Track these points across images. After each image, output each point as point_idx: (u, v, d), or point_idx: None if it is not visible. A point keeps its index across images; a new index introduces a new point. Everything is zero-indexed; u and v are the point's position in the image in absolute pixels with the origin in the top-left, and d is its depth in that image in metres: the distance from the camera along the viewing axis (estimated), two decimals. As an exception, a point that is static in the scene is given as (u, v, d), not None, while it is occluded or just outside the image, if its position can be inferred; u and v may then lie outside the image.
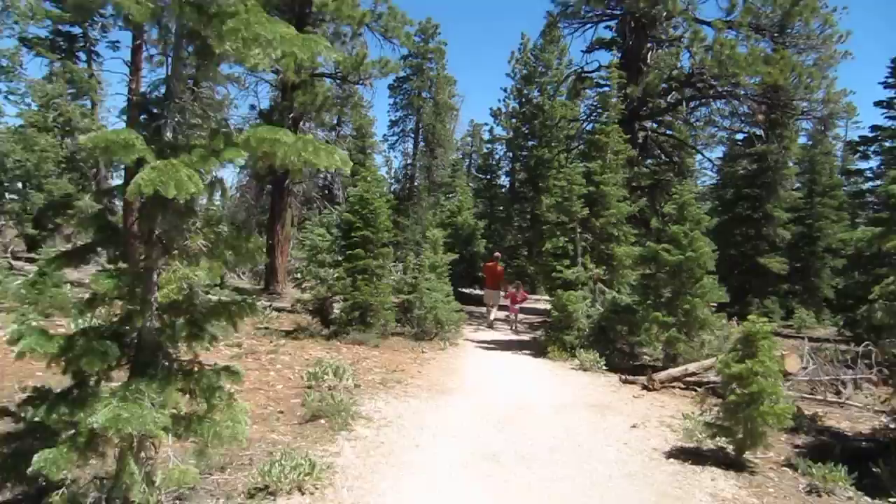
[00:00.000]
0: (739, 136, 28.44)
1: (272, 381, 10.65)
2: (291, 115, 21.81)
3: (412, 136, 42.90)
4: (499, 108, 37.43)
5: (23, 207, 27.40)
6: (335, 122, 41.67)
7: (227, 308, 4.79)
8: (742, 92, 23.14)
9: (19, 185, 27.08)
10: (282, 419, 8.56)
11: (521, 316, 22.53)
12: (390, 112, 42.62)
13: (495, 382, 12.30)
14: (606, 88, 21.07)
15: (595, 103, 24.87)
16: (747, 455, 7.88)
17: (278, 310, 18.99)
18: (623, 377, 13.33)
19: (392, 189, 43.69)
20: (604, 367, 14.11)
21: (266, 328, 16.16)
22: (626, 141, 18.34)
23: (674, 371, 13.07)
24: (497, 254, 23.64)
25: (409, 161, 43.19)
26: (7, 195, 27.46)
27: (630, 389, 12.53)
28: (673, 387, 12.81)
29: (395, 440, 8.04)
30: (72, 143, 29.32)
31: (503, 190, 37.95)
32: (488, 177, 39.32)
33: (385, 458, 7.36)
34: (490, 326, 21.15)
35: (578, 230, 16.26)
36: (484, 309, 23.44)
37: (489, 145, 39.69)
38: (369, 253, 15.56)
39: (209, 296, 4.95)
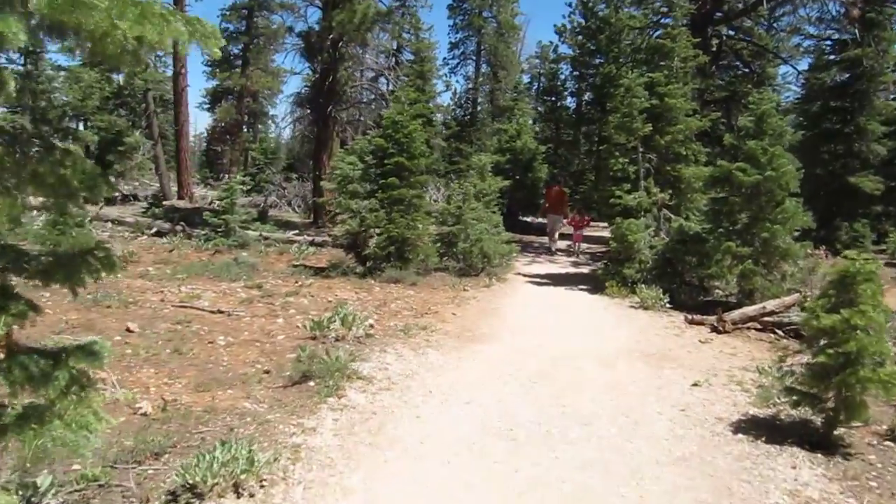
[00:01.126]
0: (828, 44, 25.17)
1: (276, 330, 9.22)
2: (331, 35, 20.04)
3: (473, 59, 40.50)
4: (563, 25, 34.61)
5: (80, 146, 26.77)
6: (394, 47, 39.84)
7: (62, 265, 3.23)
8: (833, -13, 20.07)
9: (70, 122, 26.31)
10: (265, 381, 7.10)
11: (584, 245, 20.70)
12: (450, 34, 40.15)
13: (538, 326, 10.60)
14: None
15: (661, 5, 22.00)
16: (840, 431, 6.01)
17: (319, 245, 17.64)
18: (689, 317, 11.42)
19: (454, 115, 41.66)
20: (667, 305, 12.21)
21: (301, 265, 14.85)
22: (695, 46, 15.84)
23: (749, 310, 11.08)
24: (559, 180, 21.79)
25: (471, 86, 40.88)
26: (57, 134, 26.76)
27: (696, 332, 10.65)
28: (748, 328, 10.86)
29: (392, 409, 6.47)
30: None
31: (569, 112, 35.37)
32: (553, 99, 36.75)
33: (372, 435, 5.80)
34: (552, 253, 19.76)
35: (640, 150, 14.14)
36: (544, 238, 21.71)
37: (554, 66, 36.91)
38: (404, 182, 13.88)
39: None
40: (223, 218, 17.06)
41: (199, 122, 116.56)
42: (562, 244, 20.98)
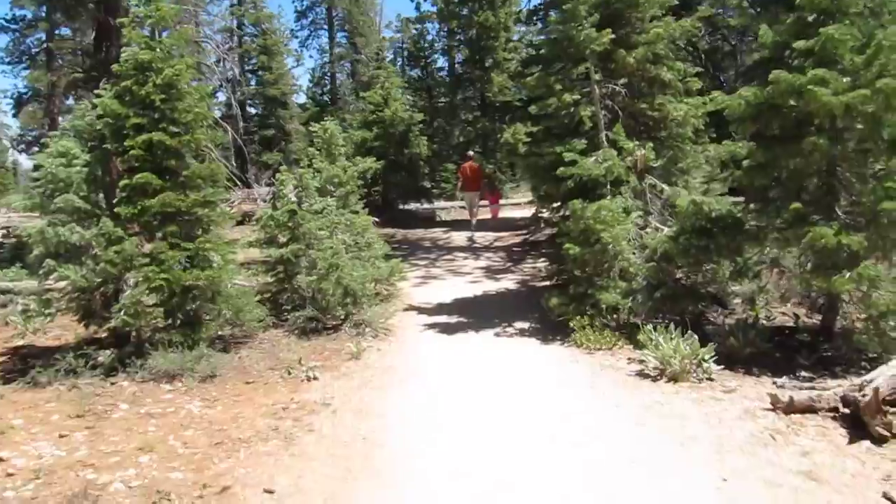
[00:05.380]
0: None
1: None
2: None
3: (326, 28, 33.00)
4: (424, -22, 27.53)
5: None
6: (234, 24, 31.83)
7: None
8: None
9: None
10: None
11: (492, 236, 14.25)
12: (295, 1, 32.54)
13: (462, 488, 3.89)
14: None
15: None
16: None
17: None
18: (780, 399, 5.00)
19: (312, 94, 34.11)
20: (712, 366, 5.77)
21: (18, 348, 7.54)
22: None
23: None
24: (470, 152, 18.10)
25: (328, 59, 33.43)
26: None
27: (822, 440, 4.24)
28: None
29: None
30: None
31: (442, 74, 28.50)
32: (423, 64, 29.79)
33: None
34: (472, 240, 15.13)
35: (596, 77, 7.50)
36: (435, 231, 15.32)
37: (417, 26, 29.81)
38: (174, 180, 6.75)
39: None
40: None
41: None
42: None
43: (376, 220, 10.48)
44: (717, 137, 8.52)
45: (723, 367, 5.84)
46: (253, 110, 32.30)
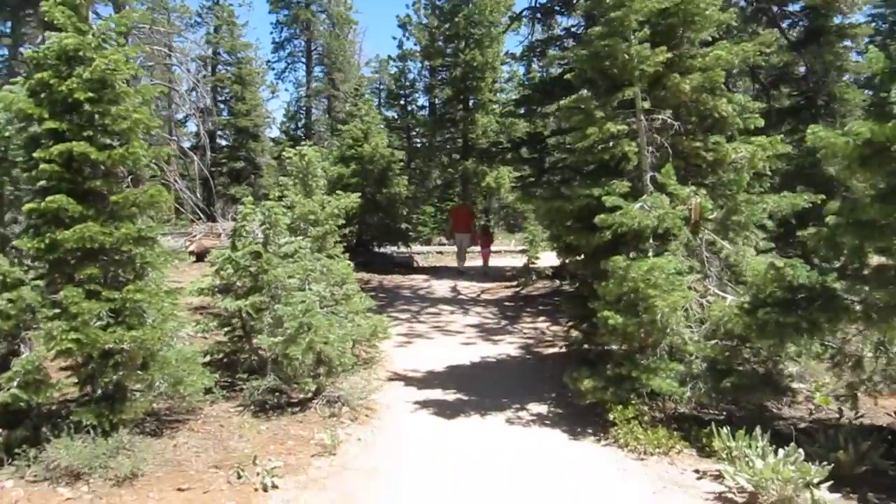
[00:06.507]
0: None
1: None
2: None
3: (303, 61, 31.54)
4: (408, 16, 26.23)
5: None
6: (212, 53, 30.21)
7: None
8: None
9: None
10: None
11: (478, 287, 12.70)
12: (273, 32, 31.02)
13: None
14: None
15: None
16: None
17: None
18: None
19: (287, 128, 32.50)
20: (825, 495, 4.12)
21: None
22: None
23: None
24: (464, 196, 20.00)
25: (304, 93, 31.90)
26: None
27: None
28: None
29: None
30: None
31: (423, 114, 27.10)
32: (402, 102, 28.43)
33: None
34: (462, 271, 15.73)
35: (644, 105, 5.97)
36: (415, 279, 13.79)
37: (398, 63, 28.41)
38: (101, 207, 5.01)
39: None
40: None
41: None
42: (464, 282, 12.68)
43: (349, 262, 8.77)
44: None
45: (839, 494, 4.21)
46: (224, 142, 30.59)
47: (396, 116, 28.17)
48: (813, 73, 11.25)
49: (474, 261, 16.94)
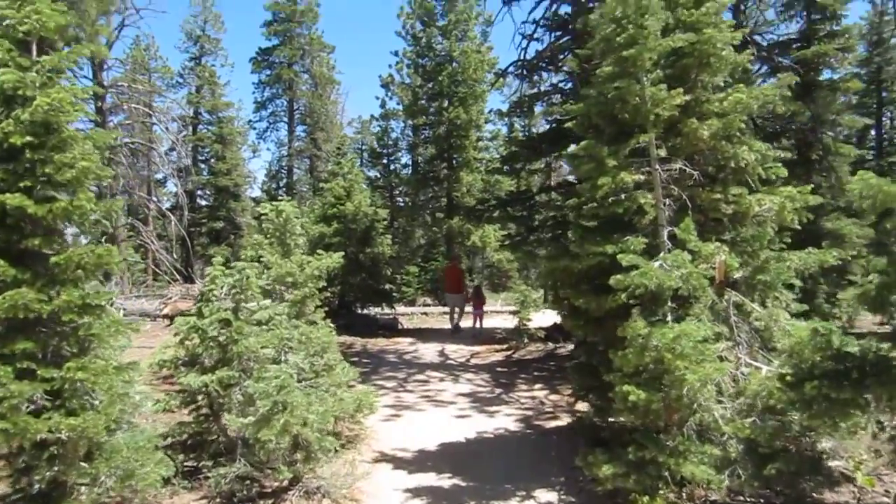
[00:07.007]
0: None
1: None
2: None
3: (285, 119, 31.20)
4: (390, 76, 26.02)
5: None
6: (193, 112, 29.78)
7: None
8: None
9: None
10: None
11: (467, 350, 11.95)
12: (255, 92, 30.69)
13: None
14: None
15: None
16: None
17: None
18: None
19: (267, 188, 31.95)
20: None
21: None
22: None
23: None
24: (455, 255, 18.99)
25: (286, 152, 31.45)
26: None
27: None
28: None
29: None
30: None
31: (406, 170, 26.67)
32: (385, 161, 28.05)
33: None
34: (456, 331, 15.33)
35: (660, 153, 5.38)
36: (400, 343, 12.98)
37: (381, 122, 28.11)
38: (39, 269, 4.25)
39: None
40: None
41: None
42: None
43: (331, 326, 7.99)
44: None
45: None
46: (203, 201, 29.96)
47: (379, 175, 27.81)
48: (810, 126, 10.92)
49: (464, 322, 16.18)
